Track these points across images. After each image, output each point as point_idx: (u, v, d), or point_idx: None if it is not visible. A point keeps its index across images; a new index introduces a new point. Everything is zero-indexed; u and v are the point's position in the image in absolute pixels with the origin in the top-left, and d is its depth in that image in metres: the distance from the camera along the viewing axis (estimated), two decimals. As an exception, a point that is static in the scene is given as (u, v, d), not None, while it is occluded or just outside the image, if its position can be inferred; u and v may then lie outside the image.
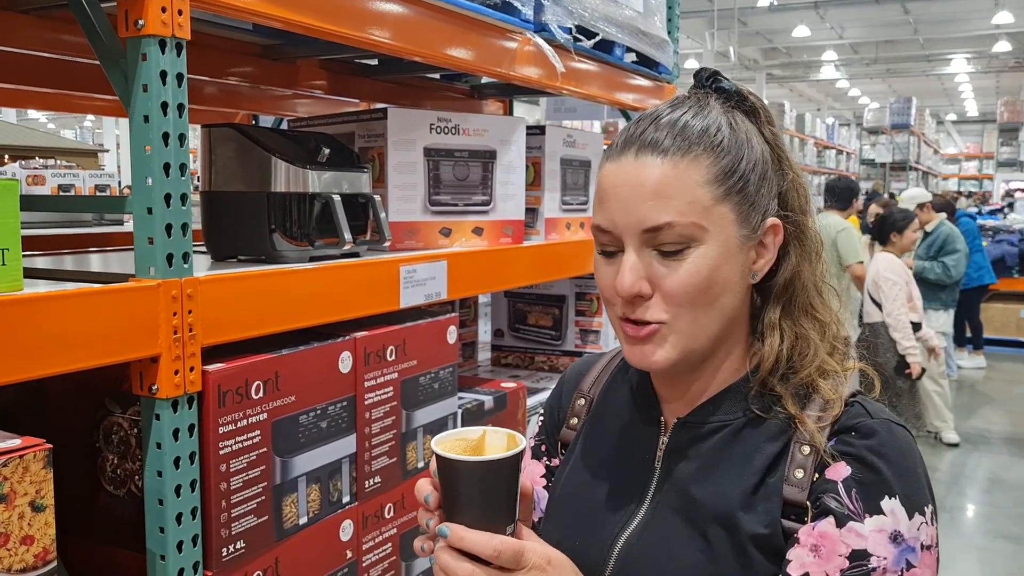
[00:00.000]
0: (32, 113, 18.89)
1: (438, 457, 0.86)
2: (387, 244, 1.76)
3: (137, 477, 1.33)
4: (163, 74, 1.21)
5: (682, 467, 0.95)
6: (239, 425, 1.35)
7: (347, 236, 1.61)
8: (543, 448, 1.18)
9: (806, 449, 0.89)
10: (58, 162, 8.76)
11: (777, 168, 0.96)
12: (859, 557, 0.83)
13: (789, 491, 0.88)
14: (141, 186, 1.23)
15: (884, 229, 5.46)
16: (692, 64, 20.27)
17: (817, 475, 0.88)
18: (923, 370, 5.22)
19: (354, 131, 1.97)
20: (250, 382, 1.36)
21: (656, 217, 0.87)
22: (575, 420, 1.13)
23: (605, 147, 0.99)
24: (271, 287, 1.41)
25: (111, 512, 1.39)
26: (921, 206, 7.98)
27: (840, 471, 0.87)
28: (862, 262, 5.73)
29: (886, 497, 0.85)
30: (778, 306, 0.96)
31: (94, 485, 1.40)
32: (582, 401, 1.13)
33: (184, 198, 1.25)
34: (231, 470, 1.34)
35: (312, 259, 1.60)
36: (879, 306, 5.20)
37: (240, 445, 1.35)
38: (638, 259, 0.88)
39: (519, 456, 0.87)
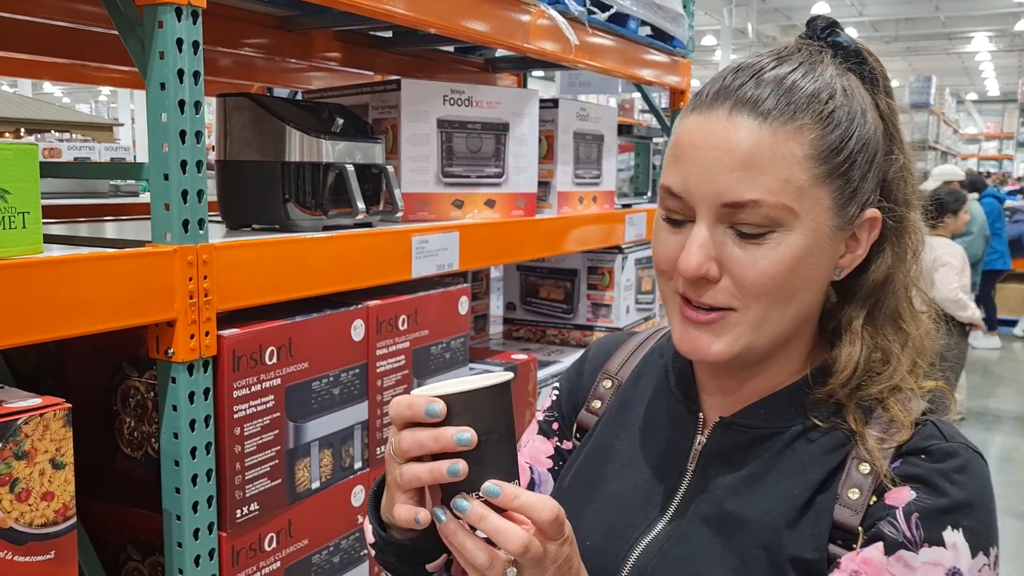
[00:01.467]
0: (47, 87, 18.96)
1: (454, 396, 0.71)
2: (400, 215, 1.77)
3: (153, 439, 1.36)
4: (179, 41, 1.22)
5: (721, 474, 0.82)
6: (253, 390, 1.37)
7: (360, 206, 1.63)
8: (554, 426, 1.04)
9: (865, 468, 0.77)
10: (73, 136, 8.80)
11: (887, 150, 0.82)
12: None
13: (840, 512, 0.76)
14: (158, 153, 1.24)
15: (939, 210, 5.14)
16: (710, 41, 20.10)
17: (875, 499, 0.76)
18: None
19: (368, 102, 1.98)
20: (264, 347, 1.39)
21: (741, 192, 0.73)
22: (598, 403, 0.99)
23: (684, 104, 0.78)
24: (285, 255, 1.43)
25: (128, 473, 1.42)
26: (947, 183, 7.92)
27: (903, 496, 0.75)
28: None
29: (949, 528, 0.73)
30: (863, 310, 0.83)
31: (111, 447, 1.43)
32: (608, 383, 0.99)
33: (200, 165, 1.27)
34: (245, 433, 1.36)
35: (326, 228, 1.62)
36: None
37: (254, 409, 1.37)
38: (710, 236, 0.75)
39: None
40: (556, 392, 1.07)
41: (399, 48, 2.67)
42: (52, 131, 8.90)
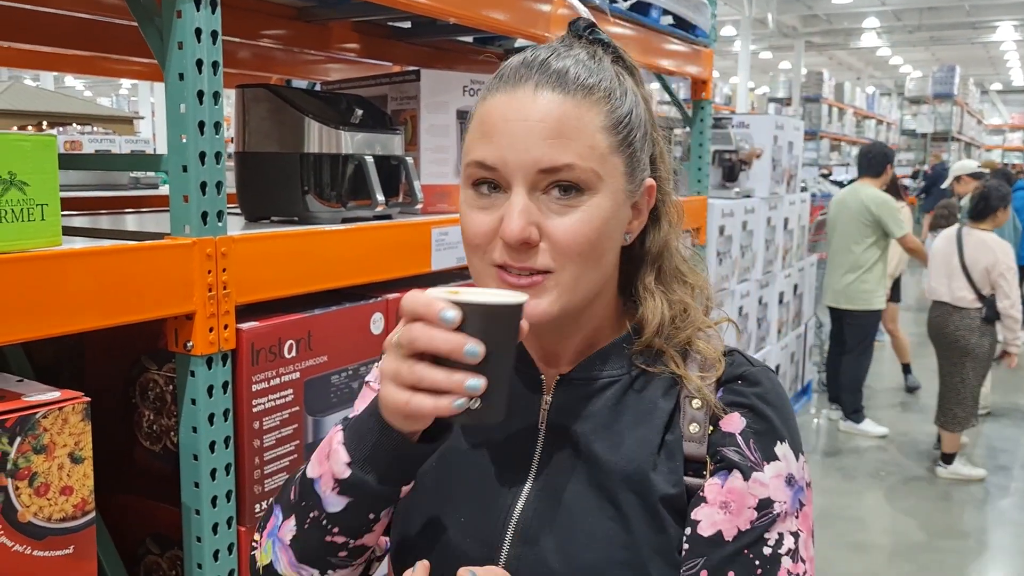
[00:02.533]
0: (69, 80, 19.08)
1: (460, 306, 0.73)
2: (419, 207, 1.75)
3: (173, 433, 1.35)
4: (198, 31, 1.21)
5: (573, 427, 0.88)
6: (272, 383, 1.36)
7: (379, 198, 1.61)
8: None
9: (696, 403, 0.86)
10: (95, 129, 8.85)
11: (651, 130, 0.92)
12: (765, 506, 0.83)
13: (688, 447, 0.85)
14: (176, 144, 1.23)
15: (989, 204, 4.99)
16: (729, 31, 19.95)
17: (712, 427, 0.86)
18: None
19: (387, 93, 1.96)
20: (283, 341, 1.37)
21: (556, 156, 0.80)
22: None
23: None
24: (304, 247, 1.42)
25: (147, 467, 1.41)
26: (958, 178, 7.77)
27: (735, 422, 0.85)
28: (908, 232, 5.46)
29: (778, 442, 0.85)
30: (652, 272, 0.92)
31: (130, 440, 1.43)
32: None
33: (219, 156, 1.26)
34: (264, 427, 1.35)
35: (345, 220, 1.60)
36: (976, 290, 4.90)
37: (273, 403, 1.36)
38: (528, 202, 0.81)
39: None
40: None
41: (418, 39, 2.65)
42: (74, 124, 8.94)
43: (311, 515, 0.86)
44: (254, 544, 0.95)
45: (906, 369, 6.66)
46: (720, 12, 18.27)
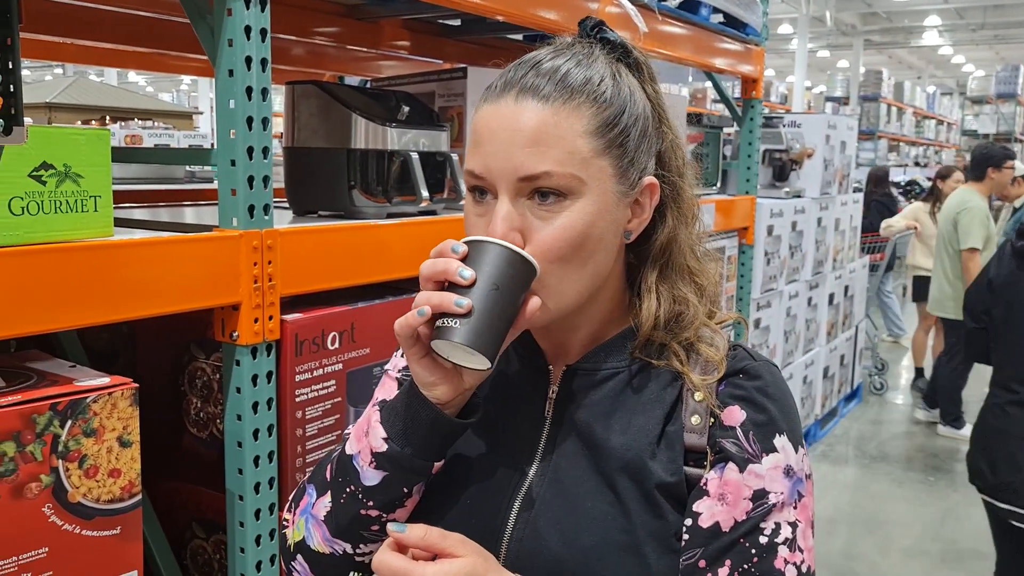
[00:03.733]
0: (132, 76, 19.53)
1: (469, 244, 0.82)
2: (463, 202, 1.77)
3: (219, 420, 1.39)
4: (247, 29, 1.24)
5: (578, 416, 0.92)
6: (315, 374, 1.39)
7: (424, 193, 1.63)
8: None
9: (699, 395, 0.89)
10: (156, 123, 9.05)
11: (657, 127, 0.93)
12: (760, 496, 0.85)
13: (689, 438, 0.88)
14: (225, 139, 1.26)
15: None
16: (786, 29, 19.67)
17: (713, 420, 0.88)
18: None
19: (434, 90, 1.98)
20: (326, 333, 1.40)
21: (533, 165, 0.83)
22: None
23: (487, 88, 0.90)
24: (348, 241, 1.44)
25: (195, 453, 1.45)
26: (1014, 180, 7.54)
27: (735, 415, 0.88)
28: (976, 249, 5.07)
29: (777, 435, 0.87)
30: (655, 269, 0.94)
31: (179, 427, 1.47)
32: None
33: (266, 151, 1.28)
34: (306, 417, 1.38)
35: (390, 215, 1.63)
36: None
37: (316, 393, 1.39)
38: (512, 208, 0.84)
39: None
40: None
41: (467, 36, 2.67)
42: (135, 119, 9.16)
43: (348, 489, 0.90)
44: (284, 523, 0.98)
45: (919, 372, 6.49)
46: (777, 10, 18.06)
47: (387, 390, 1.03)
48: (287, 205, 1.72)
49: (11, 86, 1.76)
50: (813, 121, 4.42)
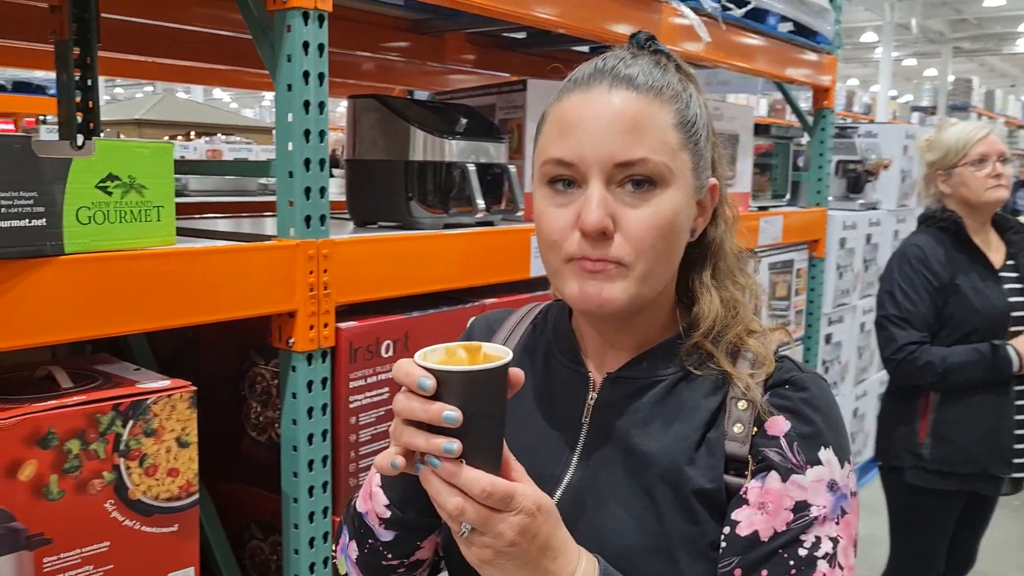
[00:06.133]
0: (217, 93, 20.18)
1: (434, 373, 0.74)
2: (521, 213, 1.79)
3: (277, 425, 1.43)
4: (305, 44, 1.28)
5: (616, 422, 0.92)
6: (369, 381, 1.42)
7: (480, 204, 1.65)
8: None
9: (742, 404, 0.89)
10: (237, 139, 9.34)
11: (711, 135, 0.95)
12: (802, 508, 0.84)
13: (730, 446, 0.87)
14: (283, 151, 1.30)
15: None
16: (870, 37, 19.19)
17: (756, 429, 0.88)
18: None
19: (495, 103, 2.01)
20: (381, 341, 1.43)
21: (630, 151, 0.84)
22: None
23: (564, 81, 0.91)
24: (403, 251, 1.47)
25: (254, 456, 1.49)
26: None
27: (780, 425, 0.87)
28: None
29: (822, 448, 0.86)
30: (709, 268, 0.96)
31: (240, 430, 1.51)
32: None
33: (322, 163, 1.32)
34: (360, 423, 1.41)
35: (447, 226, 1.65)
36: None
37: (369, 400, 1.42)
38: (606, 193, 0.85)
39: (506, 369, 0.77)
40: None
41: (533, 49, 2.69)
42: (219, 134, 9.47)
43: (368, 542, 0.93)
44: (334, 554, 1.02)
45: None
46: (859, 18, 17.64)
47: None
48: (349, 216, 1.76)
49: (90, 102, 1.85)
50: (890, 131, 4.31)
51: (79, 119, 1.80)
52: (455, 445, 0.74)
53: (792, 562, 0.82)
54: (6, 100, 5.37)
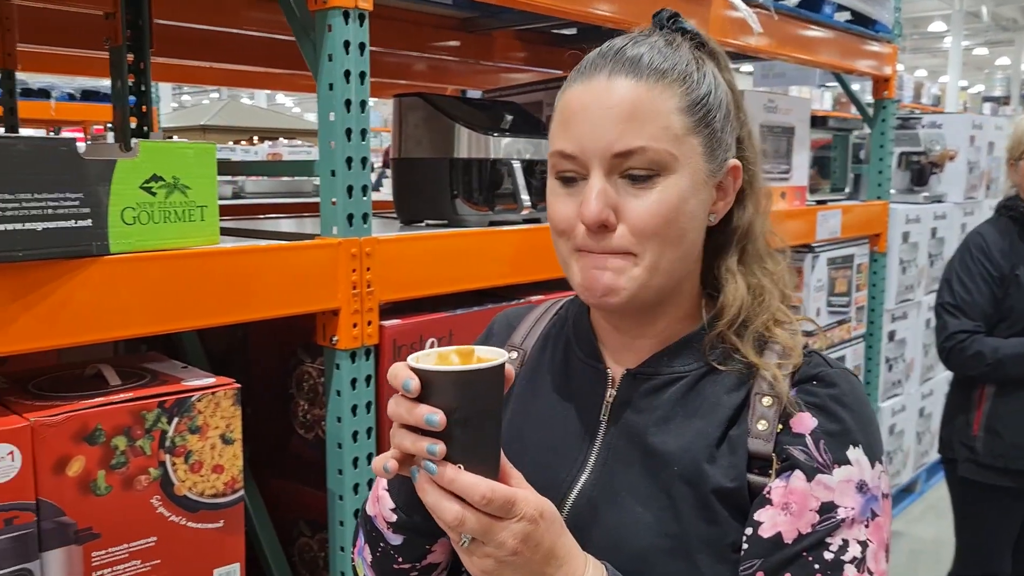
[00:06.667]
0: (280, 98, 20.58)
1: (419, 373, 0.72)
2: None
3: (323, 423, 1.44)
4: (346, 44, 1.28)
5: (635, 420, 0.89)
6: (413, 379, 1.41)
7: (526, 201, 1.64)
8: None
9: (767, 400, 0.85)
10: (299, 142, 9.50)
11: (736, 113, 0.92)
12: (828, 510, 0.81)
13: (754, 443, 0.84)
14: (326, 150, 1.31)
15: None
16: (938, 27, 18.66)
17: (781, 426, 0.84)
18: None
19: (542, 99, 2.00)
20: (425, 338, 1.43)
21: (629, 141, 0.82)
22: None
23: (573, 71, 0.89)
24: (446, 249, 1.47)
25: (301, 454, 1.51)
26: None
27: (806, 422, 0.84)
28: None
29: (851, 447, 0.83)
30: (735, 253, 0.93)
31: (288, 428, 1.53)
32: (514, 355, 1.04)
33: (364, 161, 1.33)
34: (405, 420, 1.41)
35: (492, 223, 1.64)
36: None
37: (414, 398, 1.42)
38: (606, 185, 0.83)
39: (502, 368, 0.75)
40: None
41: (584, 44, 2.67)
42: (280, 138, 9.64)
43: (380, 546, 0.92)
44: (352, 556, 1.01)
45: None
46: (928, 6, 17.17)
47: None
48: (396, 216, 1.76)
49: (143, 106, 1.89)
50: (955, 121, 4.17)
51: (133, 124, 1.85)
52: (437, 446, 0.72)
53: (817, 566, 0.79)
54: (75, 108, 5.54)
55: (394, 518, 0.88)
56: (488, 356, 0.76)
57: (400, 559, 0.91)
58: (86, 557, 1.05)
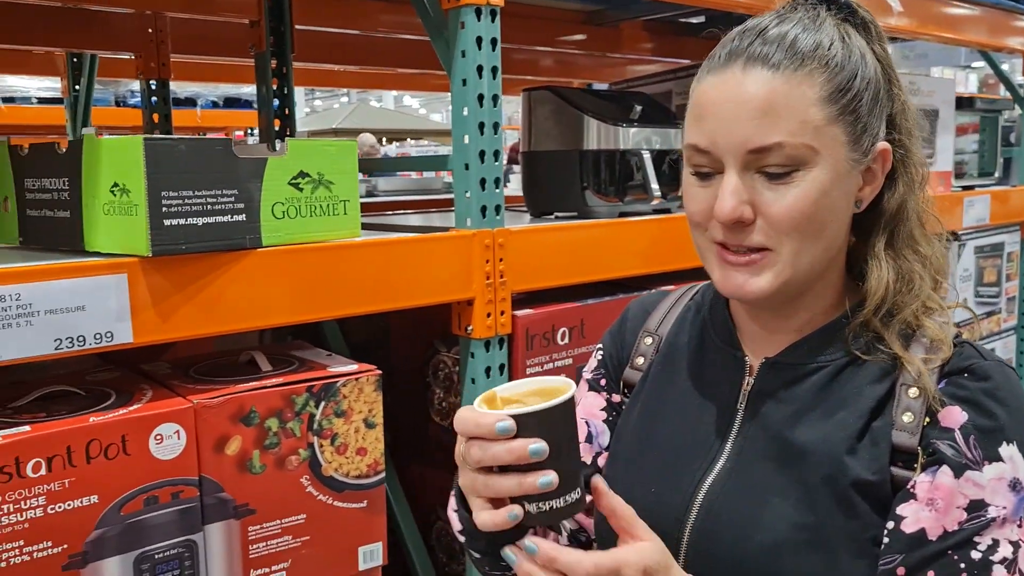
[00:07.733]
0: (407, 100, 21.07)
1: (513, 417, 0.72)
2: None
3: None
4: (478, 40, 1.31)
5: (772, 411, 0.87)
6: (545, 368, 1.43)
7: (656, 191, 1.63)
8: (602, 383, 1.07)
9: (914, 391, 0.82)
10: (426, 142, 9.70)
11: (888, 89, 0.87)
12: (977, 508, 0.77)
13: (899, 436, 0.81)
14: (459, 144, 1.34)
15: None
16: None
17: (928, 419, 0.81)
18: None
19: (671, 89, 1.98)
20: (556, 328, 1.45)
21: (764, 137, 0.79)
22: (641, 360, 1.03)
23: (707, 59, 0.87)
24: (577, 240, 1.48)
25: (438, 440, 1.55)
26: None
27: (955, 416, 0.80)
28: None
29: (1004, 443, 0.78)
30: (883, 238, 0.88)
31: (426, 416, 1.58)
32: (649, 340, 1.03)
33: (496, 154, 1.35)
34: (538, 409, 1.43)
35: (623, 214, 1.65)
36: None
37: (546, 386, 1.44)
38: (740, 182, 0.80)
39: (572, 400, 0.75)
40: (601, 352, 1.10)
41: (710, 30, 2.63)
42: (408, 139, 9.88)
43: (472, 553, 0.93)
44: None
45: None
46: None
47: (580, 393, 1.04)
48: (525, 209, 1.79)
49: (286, 109, 1.99)
50: (1120, 99, 3.87)
51: (277, 126, 1.94)
52: (551, 477, 0.72)
53: (963, 565, 0.76)
54: (218, 115, 5.86)
55: (463, 539, 0.90)
56: (510, 396, 0.78)
57: (486, 567, 0.92)
58: (243, 531, 1.12)
